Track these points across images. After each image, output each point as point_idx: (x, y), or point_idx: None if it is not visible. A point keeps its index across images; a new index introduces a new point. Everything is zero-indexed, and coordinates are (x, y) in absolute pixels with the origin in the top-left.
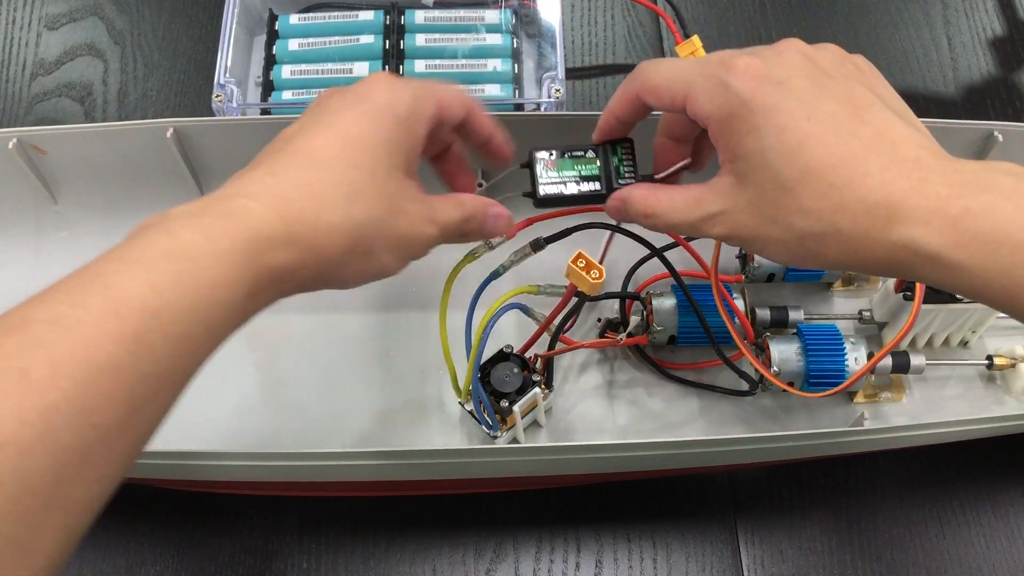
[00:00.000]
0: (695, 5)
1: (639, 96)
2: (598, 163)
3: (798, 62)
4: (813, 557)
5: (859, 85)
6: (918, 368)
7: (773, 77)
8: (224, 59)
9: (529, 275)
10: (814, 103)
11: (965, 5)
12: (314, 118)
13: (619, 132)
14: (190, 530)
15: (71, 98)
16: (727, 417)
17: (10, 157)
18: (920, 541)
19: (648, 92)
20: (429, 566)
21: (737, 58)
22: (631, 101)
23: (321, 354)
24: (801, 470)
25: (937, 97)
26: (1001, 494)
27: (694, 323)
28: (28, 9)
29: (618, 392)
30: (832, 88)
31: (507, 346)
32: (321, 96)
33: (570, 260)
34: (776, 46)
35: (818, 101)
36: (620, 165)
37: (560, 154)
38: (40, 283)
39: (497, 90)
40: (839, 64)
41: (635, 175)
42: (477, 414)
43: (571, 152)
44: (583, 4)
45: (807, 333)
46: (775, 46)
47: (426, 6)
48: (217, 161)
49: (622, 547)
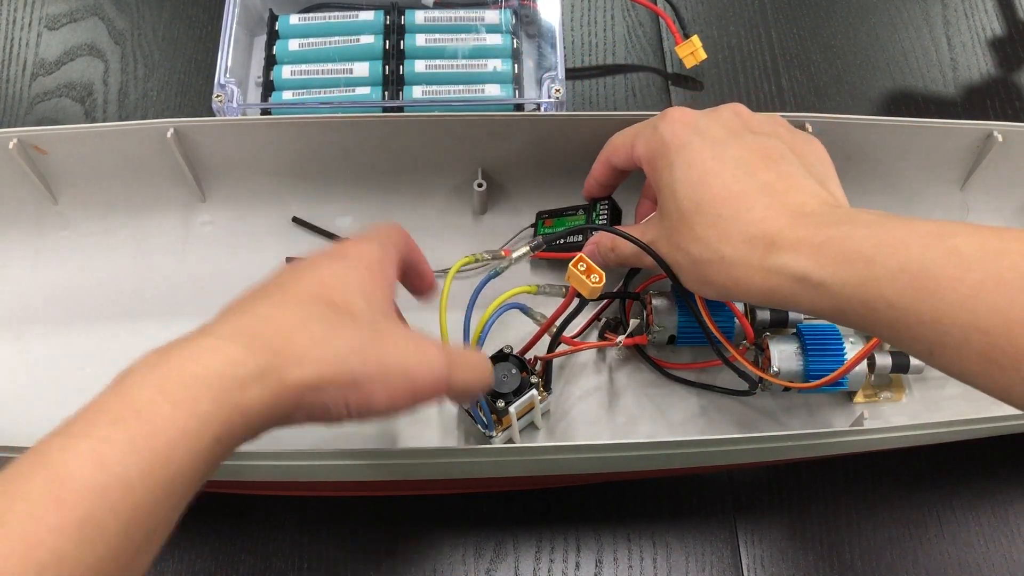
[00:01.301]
0: (695, 5)
1: (609, 160)
2: (584, 218)
3: (726, 117)
4: (813, 557)
5: (779, 142)
6: (918, 368)
7: (696, 125)
8: (224, 59)
9: (529, 275)
10: (723, 147)
11: (965, 5)
12: (289, 274)
13: (599, 193)
14: (190, 530)
15: (71, 98)
16: (727, 417)
17: (10, 157)
18: (920, 541)
19: (612, 153)
20: (429, 566)
21: (675, 110)
22: (603, 165)
23: None
24: (801, 470)
25: (937, 97)
26: (1001, 494)
27: (694, 323)
28: (28, 9)
29: (618, 392)
30: (747, 140)
31: (507, 346)
32: (292, 262)
33: (571, 264)
34: (719, 107)
35: (727, 146)
36: (597, 217)
37: (557, 214)
38: (40, 283)
39: (497, 90)
40: (769, 125)
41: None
42: (473, 413)
43: (565, 212)
44: (583, 4)
45: (807, 333)
46: (718, 107)
47: (426, 6)
48: (217, 161)
49: (622, 547)
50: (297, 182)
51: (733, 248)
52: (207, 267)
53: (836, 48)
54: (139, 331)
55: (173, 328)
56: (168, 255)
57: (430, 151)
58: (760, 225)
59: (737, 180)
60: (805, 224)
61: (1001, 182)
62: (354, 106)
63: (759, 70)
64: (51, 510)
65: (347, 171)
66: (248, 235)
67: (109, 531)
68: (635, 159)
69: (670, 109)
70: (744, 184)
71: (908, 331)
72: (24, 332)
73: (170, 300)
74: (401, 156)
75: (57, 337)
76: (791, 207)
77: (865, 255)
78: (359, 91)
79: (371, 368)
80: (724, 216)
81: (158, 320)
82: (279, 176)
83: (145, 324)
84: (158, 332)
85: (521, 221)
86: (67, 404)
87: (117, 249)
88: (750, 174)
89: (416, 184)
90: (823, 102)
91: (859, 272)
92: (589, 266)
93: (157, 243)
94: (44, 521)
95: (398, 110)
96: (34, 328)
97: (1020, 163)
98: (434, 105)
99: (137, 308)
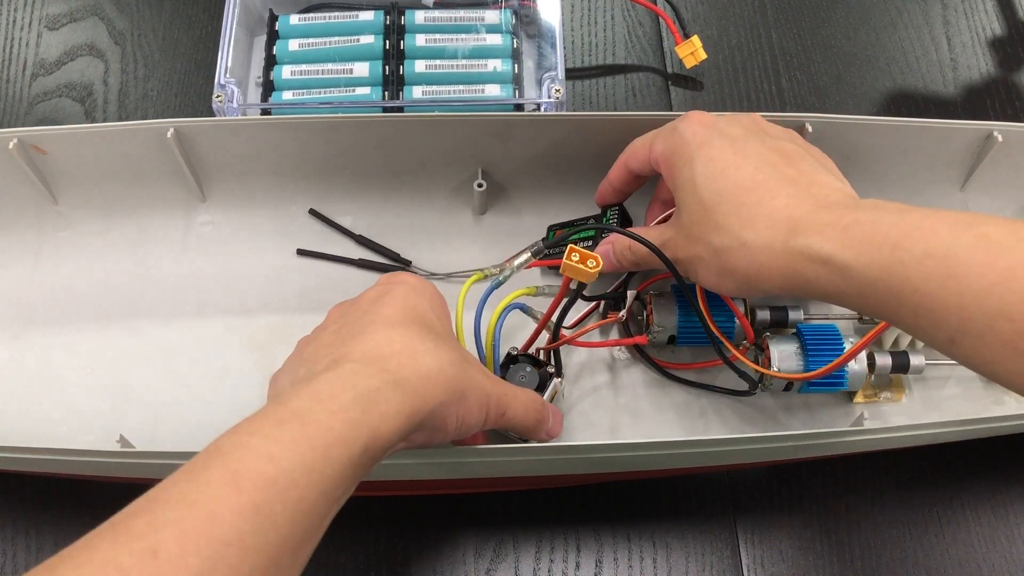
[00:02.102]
0: (695, 5)
1: (626, 164)
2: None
3: (745, 121)
4: (813, 557)
5: (796, 146)
6: (918, 368)
7: (715, 125)
8: (224, 59)
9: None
10: (743, 143)
11: (965, 5)
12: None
13: (613, 198)
14: None
15: (71, 98)
16: (727, 417)
17: (10, 157)
18: (920, 541)
19: (630, 157)
20: (429, 566)
21: (695, 113)
22: (620, 169)
23: None
24: (801, 470)
25: (937, 97)
26: (1001, 494)
27: (694, 323)
28: (28, 9)
29: (618, 392)
30: (767, 140)
31: (512, 348)
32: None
33: (564, 257)
34: (737, 113)
35: (747, 143)
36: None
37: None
38: (40, 283)
39: (497, 90)
40: (787, 133)
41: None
42: None
43: (575, 223)
44: (583, 4)
45: (807, 333)
46: (736, 113)
47: (426, 6)
48: (217, 161)
49: (622, 547)
50: (297, 182)
51: (756, 233)
52: (207, 267)
53: (836, 48)
54: (139, 331)
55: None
56: (168, 255)
57: (430, 151)
58: (784, 211)
59: (760, 172)
60: (830, 210)
61: (1001, 182)
62: (354, 106)
63: (759, 70)
64: (231, 495)
65: (347, 171)
66: (248, 235)
67: (279, 520)
68: (653, 159)
69: (690, 112)
70: (767, 175)
71: (931, 317)
72: (24, 332)
73: (170, 300)
74: (401, 156)
75: (57, 337)
76: (815, 197)
77: (892, 239)
78: (359, 91)
79: (468, 384)
80: (747, 203)
81: (158, 320)
82: (279, 176)
83: (145, 324)
84: (158, 332)
85: (521, 221)
86: (67, 404)
87: (117, 249)
88: (772, 168)
89: (416, 184)
90: (823, 102)
91: (885, 256)
92: (582, 254)
93: (157, 243)
94: (226, 503)
95: (398, 110)
96: (34, 328)
97: (1020, 163)
98: (434, 105)
99: (137, 308)
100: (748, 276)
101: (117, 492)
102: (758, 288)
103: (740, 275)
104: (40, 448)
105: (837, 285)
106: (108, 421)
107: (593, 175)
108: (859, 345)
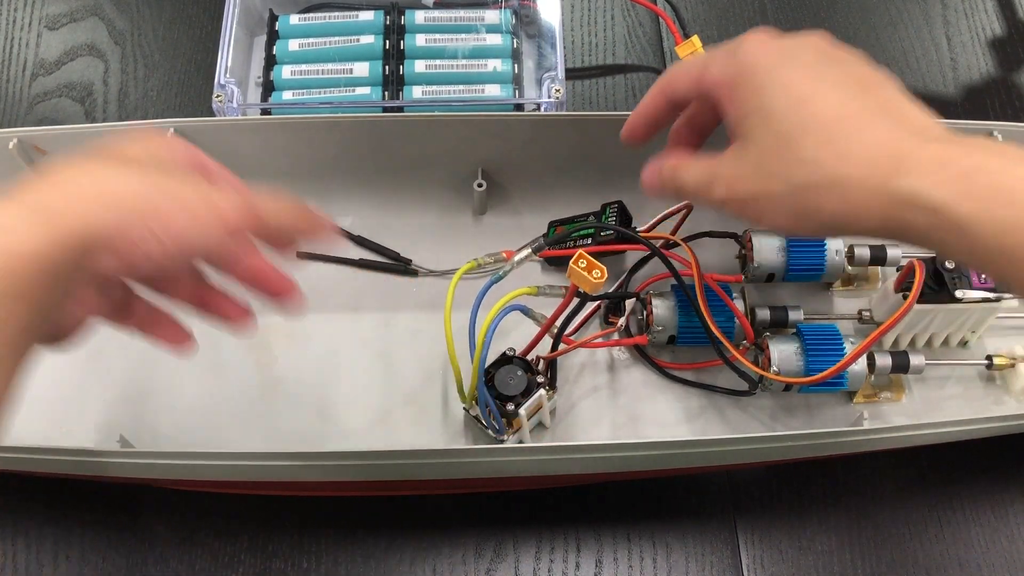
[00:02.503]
0: (695, 5)
1: (665, 90)
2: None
3: (811, 43)
4: (813, 557)
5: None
6: (918, 368)
7: (781, 48)
8: (224, 59)
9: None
10: (819, 70)
11: (965, 5)
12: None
13: (642, 133)
14: (190, 530)
15: (71, 98)
16: (727, 417)
17: (10, 157)
18: (920, 541)
19: (671, 82)
20: (429, 566)
21: (755, 32)
22: (658, 96)
23: (321, 354)
24: (801, 470)
25: (937, 97)
26: (1001, 494)
27: (694, 323)
28: (28, 9)
29: (618, 392)
30: (842, 66)
31: (509, 349)
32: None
33: (571, 261)
34: (803, 32)
35: (823, 69)
36: (607, 220)
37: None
38: None
39: (497, 90)
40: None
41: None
42: (484, 418)
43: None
44: (583, 4)
45: (807, 333)
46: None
47: (426, 6)
48: (217, 161)
49: (622, 547)
50: (297, 182)
51: (852, 169)
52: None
53: None
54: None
55: None
56: None
57: (430, 151)
58: (886, 145)
59: (846, 102)
60: (939, 145)
61: None
62: (354, 106)
63: None
64: None
65: (347, 171)
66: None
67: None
68: (707, 85)
69: (748, 33)
70: (855, 105)
71: None
72: None
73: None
74: (401, 156)
75: None
76: (917, 128)
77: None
78: (359, 91)
79: (169, 198)
80: (839, 135)
81: None
82: (279, 176)
83: None
84: None
85: (521, 221)
86: (67, 404)
87: None
88: (856, 97)
89: (416, 184)
90: None
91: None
92: (590, 262)
93: None
94: None
95: (398, 110)
96: None
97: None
98: (434, 105)
99: None
100: (837, 217)
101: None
102: (844, 231)
103: (827, 216)
104: (40, 448)
105: (943, 237)
106: (108, 421)
107: (593, 175)
108: (859, 349)
